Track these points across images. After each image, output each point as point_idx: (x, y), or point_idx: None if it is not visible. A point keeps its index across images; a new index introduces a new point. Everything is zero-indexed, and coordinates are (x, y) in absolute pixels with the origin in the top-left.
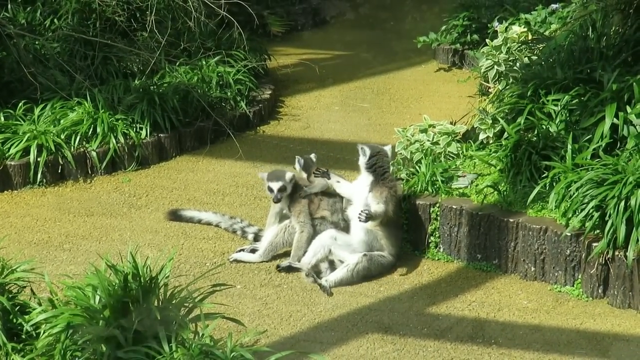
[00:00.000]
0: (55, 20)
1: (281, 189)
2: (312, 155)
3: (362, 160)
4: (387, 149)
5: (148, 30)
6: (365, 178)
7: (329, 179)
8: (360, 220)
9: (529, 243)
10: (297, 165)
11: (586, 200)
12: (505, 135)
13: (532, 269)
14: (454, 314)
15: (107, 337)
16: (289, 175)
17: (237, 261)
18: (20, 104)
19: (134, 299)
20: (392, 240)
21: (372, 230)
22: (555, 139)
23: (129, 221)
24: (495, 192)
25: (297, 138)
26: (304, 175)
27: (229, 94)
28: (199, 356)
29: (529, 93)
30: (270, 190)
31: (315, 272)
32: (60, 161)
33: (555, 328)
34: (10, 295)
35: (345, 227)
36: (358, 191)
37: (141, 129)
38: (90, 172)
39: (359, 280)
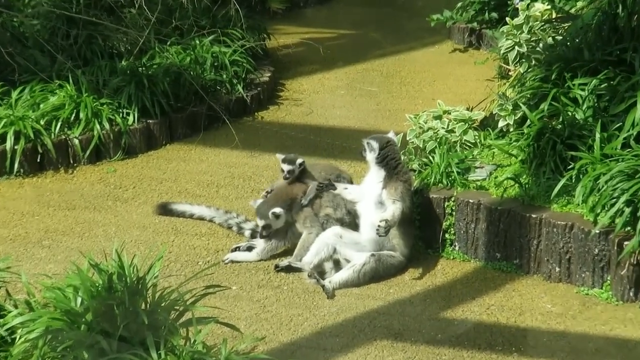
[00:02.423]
0: None
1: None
2: (299, 160)
3: (371, 156)
4: (392, 135)
5: (136, 6)
6: (375, 173)
7: (335, 189)
8: (380, 235)
9: (553, 241)
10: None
11: (616, 195)
12: (528, 122)
13: (557, 269)
14: (471, 319)
15: (89, 344)
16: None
17: (232, 262)
18: None
19: (119, 302)
20: (405, 239)
21: None
22: (582, 126)
23: (114, 215)
24: (516, 185)
25: (298, 125)
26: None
27: (224, 76)
28: None
29: (553, 76)
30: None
31: (319, 272)
32: (40, 149)
33: (582, 334)
34: None
35: (350, 223)
36: (369, 189)
37: (128, 114)
38: (72, 161)
39: (366, 282)
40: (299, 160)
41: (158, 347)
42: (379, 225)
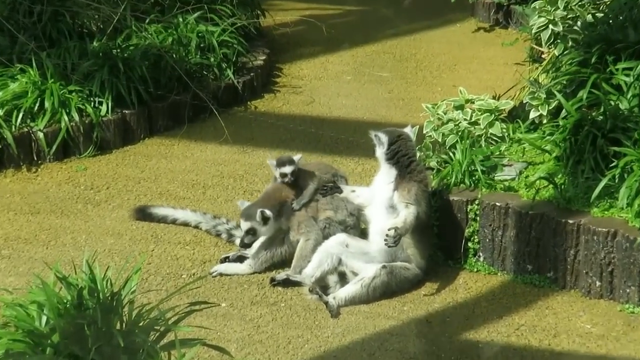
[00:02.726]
0: None
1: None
2: (297, 157)
3: (380, 151)
4: (408, 130)
5: None
6: (386, 172)
7: (341, 193)
8: (389, 246)
9: (593, 251)
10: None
11: None
12: (563, 113)
13: (598, 283)
14: (498, 341)
15: None
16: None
17: (221, 275)
18: None
19: (90, 321)
20: (422, 249)
21: None
22: (627, 118)
23: (85, 221)
24: (550, 186)
25: (298, 116)
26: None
27: (212, 59)
28: None
29: (593, 60)
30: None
31: (322, 286)
32: None
33: (627, 358)
34: None
35: (354, 226)
36: (379, 190)
37: (101, 103)
38: (36, 158)
39: (376, 298)
40: (297, 157)
41: None
42: (387, 235)
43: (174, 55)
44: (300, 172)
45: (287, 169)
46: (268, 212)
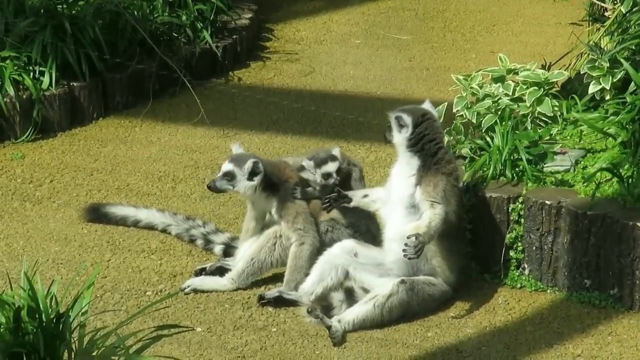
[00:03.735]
0: None
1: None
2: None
3: (401, 137)
4: (428, 107)
5: None
6: (406, 162)
7: (350, 203)
8: (409, 257)
9: None
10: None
11: None
12: (632, 87)
13: None
14: None
15: None
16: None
17: (196, 291)
18: None
19: (31, 349)
20: (451, 259)
21: None
22: None
23: (23, 223)
24: (615, 180)
25: (293, 90)
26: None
27: (183, 17)
28: None
29: None
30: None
31: (324, 306)
32: None
33: None
34: None
35: (367, 233)
36: (397, 186)
37: (42, 74)
38: None
39: (392, 321)
40: (336, 150)
41: None
42: (406, 243)
43: (136, 13)
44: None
45: (331, 167)
46: (262, 167)
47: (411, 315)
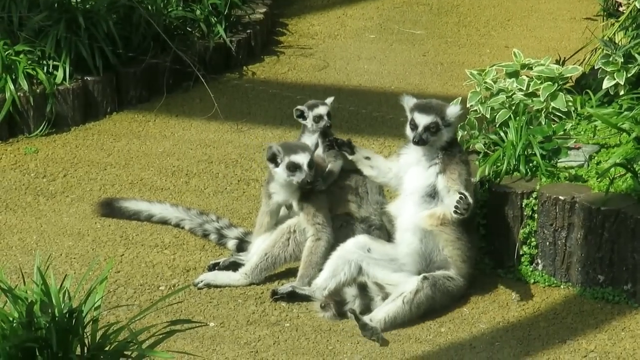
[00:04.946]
0: None
1: (310, 165)
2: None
3: (443, 138)
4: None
5: None
6: (422, 154)
7: (353, 153)
8: (460, 213)
9: None
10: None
11: None
12: None
13: None
14: None
15: None
16: None
17: (209, 286)
18: None
19: (43, 343)
20: (464, 250)
21: (433, 232)
22: None
23: (36, 217)
24: (629, 175)
25: (307, 84)
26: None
27: (197, 12)
28: None
29: None
30: (296, 167)
31: (337, 301)
32: None
33: None
34: None
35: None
36: (413, 175)
37: (56, 68)
38: None
39: (419, 317)
40: (330, 99)
41: None
42: (458, 201)
43: (150, 7)
44: (329, 136)
45: (322, 110)
46: (275, 148)
47: (432, 311)
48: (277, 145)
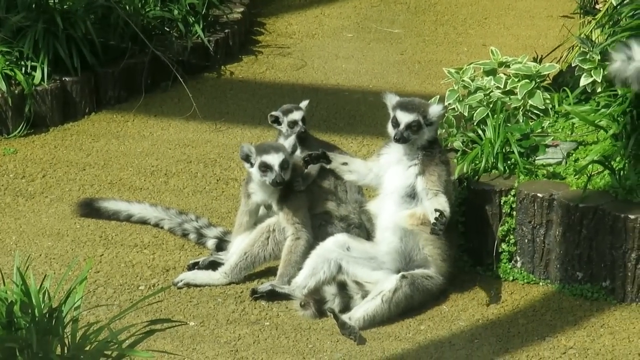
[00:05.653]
0: None
1: (283, 165)
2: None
3: (425, 135)
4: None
5: None
6: (403, 153)
7: (329, 163)
8: (436, 233)
9: None
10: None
11: None
12: None
13: None
14: None
15: None
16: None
17: (188, 285)
18: None
19: (23, 344)
20: (443, 248)
21: (413, 231)
22: None
23: (15, 218)
24: (606, 172)
25: (285, 84)
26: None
27: (175, 12)
28: None
29: None
30: (267, 168)
31: (316, 300)
32: None
33: None
34: None
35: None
36: (392, 175)
37: (34, 68)
38: None
39: (397, 316)
40: (304, 103)
41: None
42: (436, 218)
43: (127, 7)
44: (307, 138)
45: (297, 115)
46: (247, 149)
47: (411, 309)
48: (249, 145)
